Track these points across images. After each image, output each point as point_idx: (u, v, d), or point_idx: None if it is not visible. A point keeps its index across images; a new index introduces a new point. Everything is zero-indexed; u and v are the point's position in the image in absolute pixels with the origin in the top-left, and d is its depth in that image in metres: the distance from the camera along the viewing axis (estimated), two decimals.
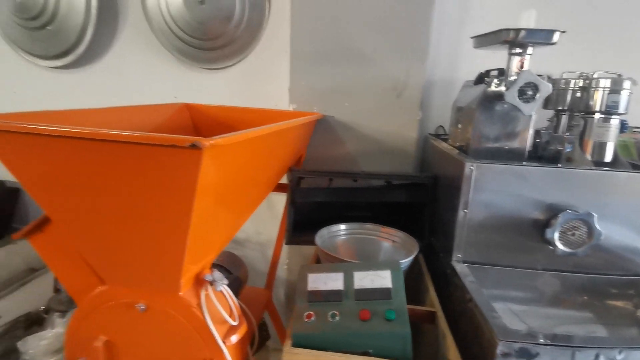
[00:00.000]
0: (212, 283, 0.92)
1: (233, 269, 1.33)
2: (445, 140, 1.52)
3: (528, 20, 1.14)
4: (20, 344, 1.33)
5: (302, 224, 1.52)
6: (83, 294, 0.93)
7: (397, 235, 1.37)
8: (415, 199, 1.47)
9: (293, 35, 1.60)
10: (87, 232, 0.82)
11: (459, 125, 1.35)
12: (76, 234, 0.83)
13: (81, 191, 0.76)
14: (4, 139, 0.72)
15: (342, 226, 1.41)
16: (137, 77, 1.91)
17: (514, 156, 1.20)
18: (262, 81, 1.83)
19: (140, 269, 0.86)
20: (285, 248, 1.73)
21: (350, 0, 1.52)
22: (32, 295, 1.71)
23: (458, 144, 1.34)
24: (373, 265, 1.03)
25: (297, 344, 0.91)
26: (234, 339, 0.92)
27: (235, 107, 1.65)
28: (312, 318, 0.94)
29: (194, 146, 0.62)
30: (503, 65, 1.22)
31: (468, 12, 1.64)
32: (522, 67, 1.16)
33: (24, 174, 0.76)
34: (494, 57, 1.32)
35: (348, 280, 1.01)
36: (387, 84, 1.57)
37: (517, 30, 1.10)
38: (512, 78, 1.14)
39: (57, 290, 1.55)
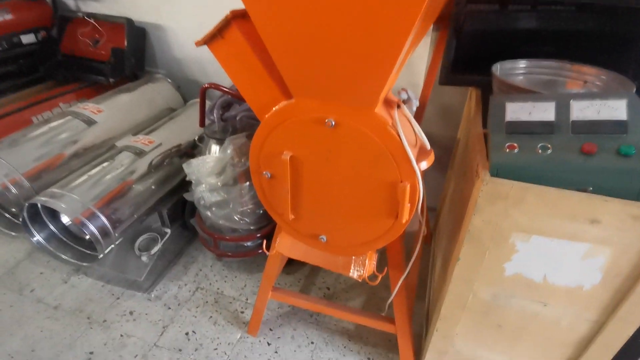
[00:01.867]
0: (405, 102, 0.81)
1: None
2: None
3: None
4: (185, 166, 1.46)
5: (457, 63, 1.31)
6: (265, 108, 0.90)
7: (596, 74, 1.09)
8: (629, 28, 1.12)
9: None
10: (287, 31, 0.72)
11: None
12: (274, 32, 0.73)
13: None
14: None
15: (522, 63, 1.16)
16: None
17: None
18: None
19: (337, 80, 0.76)
20: None
21: None
22: (177, 130, 1.84)
23: None
24: (598, 94, 0.83)
25: (498, 175, 0.81)
26: (424, 165, 0.85)
27: None
28: (516, 150, 0.82)
29: None
30: None
31: None
32: None
33: None
34: None
35: (562, 110, 0.83)
36: None
37: None
38: None
39: (202, 124, 1.62)
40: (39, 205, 1.29)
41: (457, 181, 1.32)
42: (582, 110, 0.82)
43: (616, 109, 0.80)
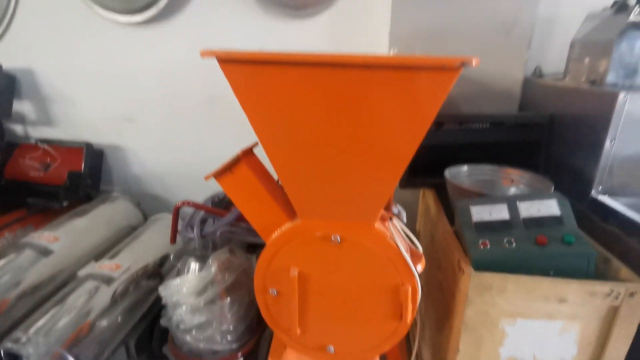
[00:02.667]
0: (398, 215, 0.96)
1: None
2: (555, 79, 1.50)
3: None
4: (161, 288, 1.40)
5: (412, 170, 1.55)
6: (269, 229, 0.98)
7: (519, 174, 1.39)
8: (531, 138, 1.48)
9: None
10: (296, 161, 0.85)
11: (586, 60, 1.34)
12: (284, 162, 0.85)
13: (298, 117, 0.78)
14: (237, 69, 0.73)
15: (464, 167, 1.43)
16: (220, 29, 1.87)
17: None
18: (354, 26, 1.78)
19: (341, 202, 0.89)
20: None
21: None
22: (142, 249, 1.78)
23: (585, 79, 1.33)
24: (535, 195, 1.07)
25: (479, 269, 0.96)
26: (419, 268, 0.97)
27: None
28: (488, 246, 0.99)
29: (462, 65, 0.63)
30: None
31: None
32: None
33: (248, 99, 0.77)
34: None
35: (513, 210, 1.04)
36: (497, 20, 1.53)
37: None
38: None
39: (174, 240, 1.60)
40: (0, 353, 1.11)
41: (431, 273, 1.45)
42: (527, 209, 1.04)
43: (551, 207, 1.03)
